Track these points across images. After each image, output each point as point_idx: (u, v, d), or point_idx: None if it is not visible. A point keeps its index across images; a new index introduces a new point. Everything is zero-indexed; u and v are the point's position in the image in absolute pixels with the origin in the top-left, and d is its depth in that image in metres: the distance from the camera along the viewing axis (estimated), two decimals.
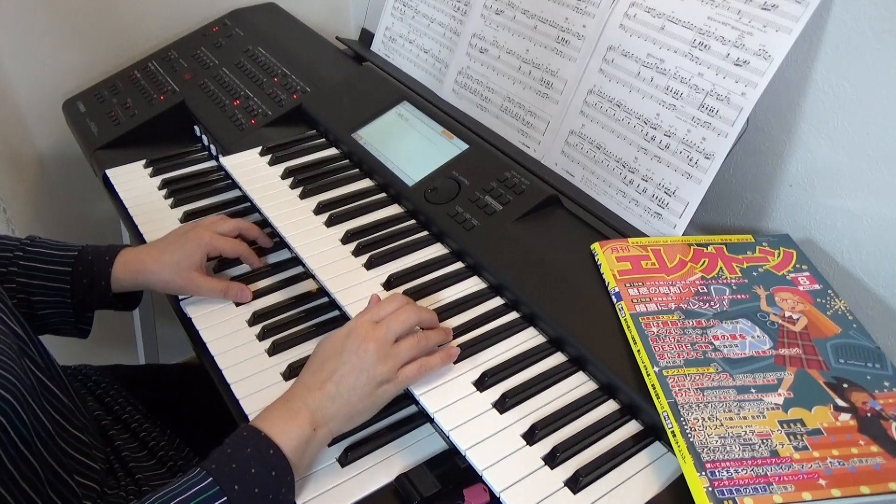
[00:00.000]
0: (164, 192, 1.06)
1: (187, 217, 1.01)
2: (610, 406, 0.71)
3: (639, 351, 0.70)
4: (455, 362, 0.74)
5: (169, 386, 1.05)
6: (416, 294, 0.81)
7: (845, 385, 0.67)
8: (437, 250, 0.89)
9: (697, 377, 0.67)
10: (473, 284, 0.84)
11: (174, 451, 0.88)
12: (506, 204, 0.88)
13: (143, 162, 1.12)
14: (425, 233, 0.91)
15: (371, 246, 0.88)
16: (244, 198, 1.02)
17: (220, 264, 0.92)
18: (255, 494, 0.61)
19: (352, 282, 0.83)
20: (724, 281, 0.78)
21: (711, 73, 0.81)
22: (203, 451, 0.89)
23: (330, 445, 0.70)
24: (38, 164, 1.35)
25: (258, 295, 0.88)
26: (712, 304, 0.75)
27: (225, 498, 0.59)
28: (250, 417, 0.74)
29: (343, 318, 0.85)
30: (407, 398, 0.74)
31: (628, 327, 0.73)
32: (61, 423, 0.74)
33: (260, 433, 0.63)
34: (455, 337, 0.77)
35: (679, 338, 0.71)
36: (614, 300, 0.76)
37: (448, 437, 0.68)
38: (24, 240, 0.88)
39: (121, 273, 0.87)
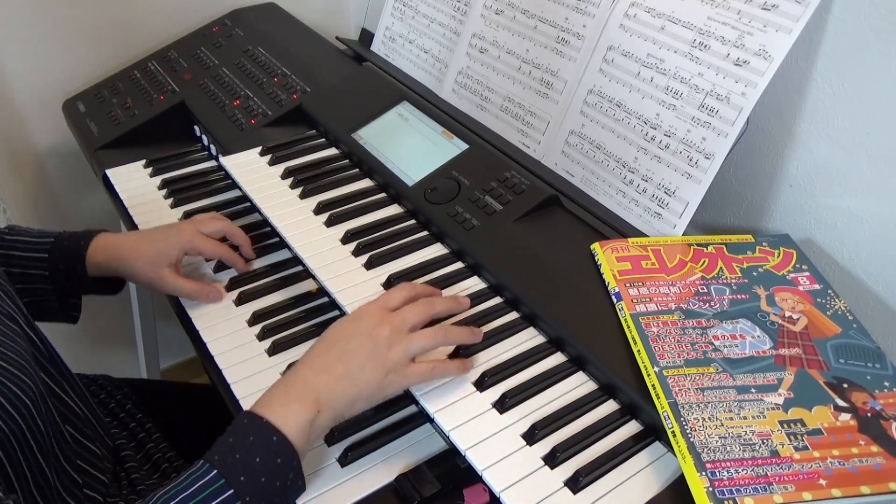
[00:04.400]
0: (164, 191, 1.06)
1: (187, 217, 1.01)
2: (610, 406, 0.71)
3: (639, 351, 0.70)
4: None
5: (180, 401, 1.04)
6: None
7: (845, 385, 0.67)
8: (437, 250, 0.89)
9: (697, 377, 0.67)
10: (473, 284, 0.84)
11: (179, 464, 0.88)
12: (506, 204, 0.88)
13: (143, 162, 1.12)
14: (425, 233, 0.91)
15: (371, 246, 0.88)
16: (244, 198, 1.02)
17: (219, 264, 0.92)
18: (263, 483, 0.59)
19: (352, 282, 0.83)
20: (724, 281, 0.78)
21: (711, 73, 0.81)
22: None
23: (330, 445, 0.70)
24: (37, 164, 1.35)
25: (258, 295, 0.88)
26: (712, 304, 0.75)
27: (231, 490, 0.58)
28: None
29: None
30: (407, 398, 0.74)
31: (628, 327, 0.73)
32: (73, 434, 0.73)
33: (262, 420, 0.61)
34: None
35: (679, 338, 0.71)
36: (614, 300, 0.76)
37: (448, 437, 0.68)
38: (2, 229, 0.87)
39: (96, 256, 0.86)
